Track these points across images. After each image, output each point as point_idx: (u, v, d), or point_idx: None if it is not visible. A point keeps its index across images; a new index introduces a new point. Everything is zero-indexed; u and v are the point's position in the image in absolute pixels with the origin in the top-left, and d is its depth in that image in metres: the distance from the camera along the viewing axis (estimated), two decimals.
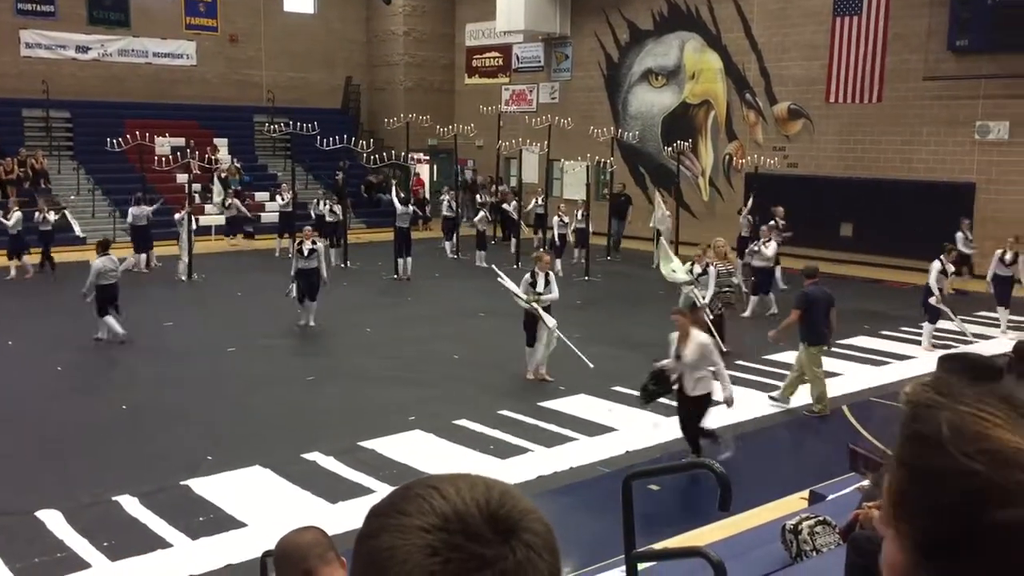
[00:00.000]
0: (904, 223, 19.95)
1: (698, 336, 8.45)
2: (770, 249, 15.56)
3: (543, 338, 11.36)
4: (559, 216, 20.62)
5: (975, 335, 14.14)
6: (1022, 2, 18.66)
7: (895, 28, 20.54)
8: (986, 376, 3.80)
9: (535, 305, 11.26)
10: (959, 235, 17.70)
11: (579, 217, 20.56)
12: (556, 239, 20.24)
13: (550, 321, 11.31)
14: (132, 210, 19.75)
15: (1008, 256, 15.08)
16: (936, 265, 13.32)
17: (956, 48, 19.73)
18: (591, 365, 11.59)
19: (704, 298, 12.28)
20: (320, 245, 14.40)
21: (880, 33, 20.79)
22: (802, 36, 22.42)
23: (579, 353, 11.66)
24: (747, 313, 14.90)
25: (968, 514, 0.70)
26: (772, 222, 17.30)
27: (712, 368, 8.50)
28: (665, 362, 8.68)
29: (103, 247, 13.65)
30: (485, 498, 0.82)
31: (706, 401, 8.50)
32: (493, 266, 13.11)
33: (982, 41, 19.25)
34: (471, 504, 0.81)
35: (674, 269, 12.89)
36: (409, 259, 18.87)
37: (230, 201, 23.14)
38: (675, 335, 8.57)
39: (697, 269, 12.71)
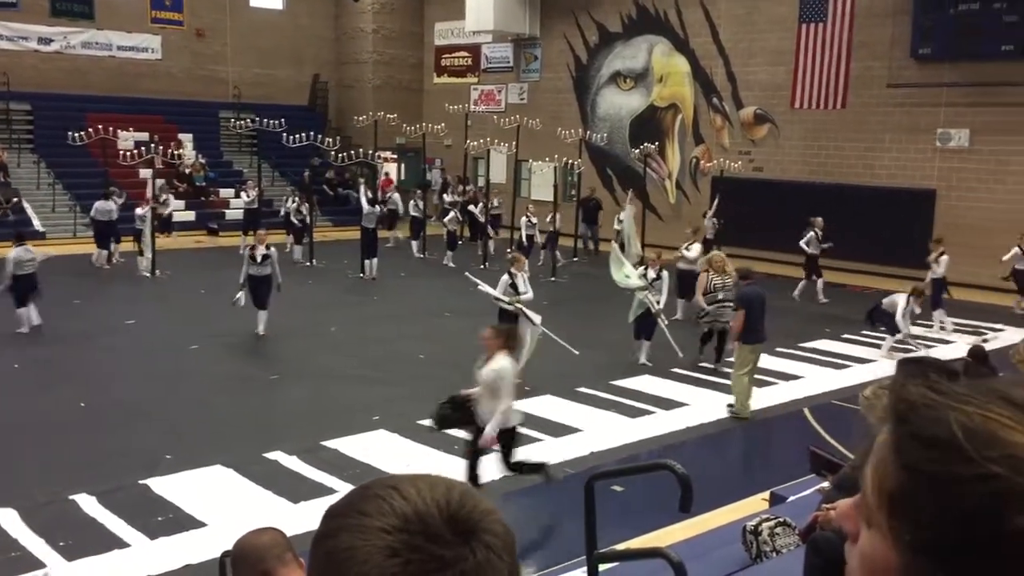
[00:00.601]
0: (866, 228, 20.20)
1: (501, 360, 7.38)
2: (693, 252, 15.49)
3: (528, 338, 11.17)
4: (527, 216, 20.63)
5: (926, 341, 14.38)
6: (983, 12, 18.99)
7: (859, 36, 20.81)
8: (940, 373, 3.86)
9: (519, 306, 11.18)
10: (810, 234, 17.47)
11: (547, 220, 20.61)
12: (524, 239, 20.25)
13: (536, 318, 11.20)
14: (98, 204, 19.45)
15: (932, 257, 15.58)
16: (901, 304, 13.25)
17: (919, 56, 20.03)
18: (576, 352, 12.04)
19: (659, 303, 12.20)
20: (274, 250, 13.52)
21: (844, 40, 21.06)
22: (768, 42, 22.65)
23: (566, 345, 11.96)
24: (679, 315, 14.84)
25: (987, 519, 0.68)
26: (812, 233, 17.41)
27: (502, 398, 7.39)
28: (472, 390, 7.67)
29: (19, 238, 13.70)
30: (446, 499, 0.82)
31: (509, 435, 7.59)
32: (468, 273, 12.90)
33: (944, 49, 19.56)
34: (431, 505, 0.81)
35: (627, 275, 12.57)
36: (375, 260, 18.79)
37: (164, 196, 21.76)
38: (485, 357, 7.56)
39: (651, 274, 12.43)
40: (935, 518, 0.71)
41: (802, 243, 17.56)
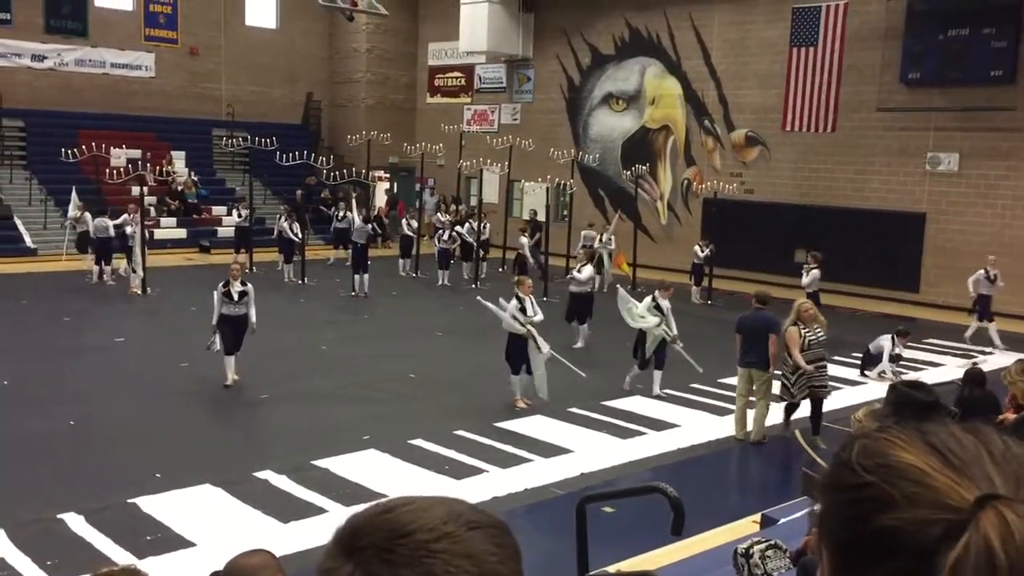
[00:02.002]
0: (856, 251, 20.31)
1: None
2: (584, 274, 14.75)
3: (538, 362, 11.05)
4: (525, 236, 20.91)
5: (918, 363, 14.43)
6: (972, 37, 19.18)
7: (849, 60, 20.99)
8: (914, 407, 3.90)
9: (531, 328, 11.03)
10: (814, 273, 16.16)
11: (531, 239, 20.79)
12: (527, 259, 20.47)
13: (544, 346, 11.07)
14: (97, 221, 19.38)
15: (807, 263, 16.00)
16: (887, 347, 13.28)
17: (908, 81, 20.21)
18: (583, 375, 11.98)
19: (673, 329, 11.77)
20: (251, 287, 11.76)
21: (835, 64, 21.23)
22: (760, 65, 22.82)
23: (573, 367, 11.90)
24: (580, 344, 14.47)
25: (862, 521, 0.78)
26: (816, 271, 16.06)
27: None
28: None
29: None
30: (368, 513, 0.89)
31: None
32: (479, 298, 12.27)
33: (933, 74, 19.75)
34: (353, 520, 0.89)
35: (642, 315, 11.79)
36: (367, 276, 18.80)
37: (80, 214, 20.20)
38: None
39: (665, 303, 11.73)
40: (834, 524, 0.82)
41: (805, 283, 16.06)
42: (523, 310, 11.16)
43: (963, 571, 0.72)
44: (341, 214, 22.37)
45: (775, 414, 10.51)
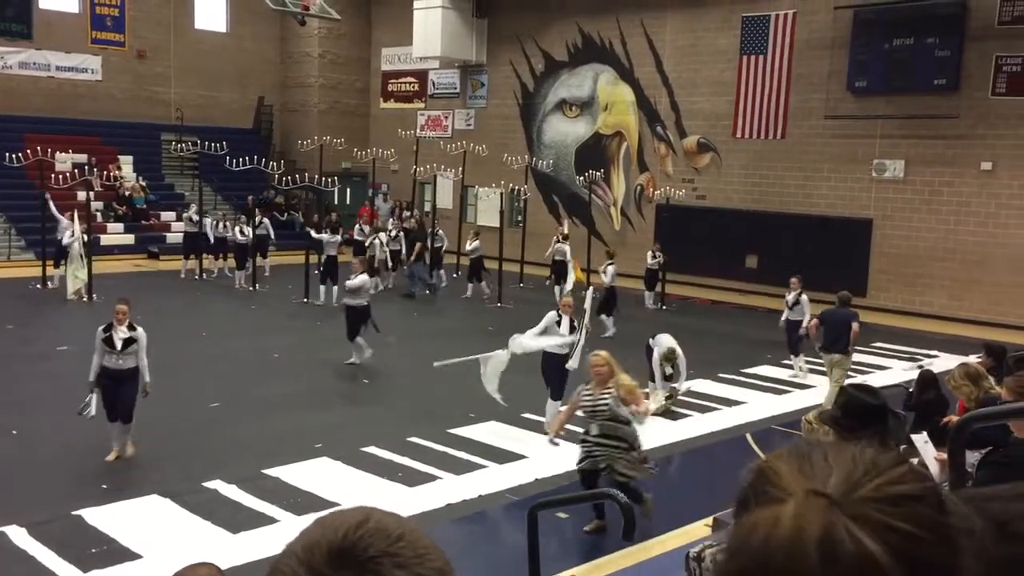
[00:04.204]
0: (805, 256, 20.58)
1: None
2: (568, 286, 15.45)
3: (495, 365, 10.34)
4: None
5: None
6: (916, 47, 19.59)
7: (798, 68, 21.33)
8: (863, 409, 3.96)
9: (581, 338, 10.47)
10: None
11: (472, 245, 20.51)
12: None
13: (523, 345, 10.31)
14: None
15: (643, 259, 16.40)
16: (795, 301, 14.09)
17: (855, 89, 20.58)
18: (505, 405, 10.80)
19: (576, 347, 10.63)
20: (141, 332, 9.29)
21: (784, 73, 21.56)
22: (711, 73, 23.08)
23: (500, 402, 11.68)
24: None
25: (736, 524, 0.86)
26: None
27: None
28: None
29: None
30: (343, 531, 0.85)
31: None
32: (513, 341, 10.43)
33: (879, 83, 20.14)
34: (322, 537, 0.85)
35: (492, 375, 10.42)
36: (335, 287, 18.44)
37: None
38: None
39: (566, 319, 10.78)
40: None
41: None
42: (559, 323, 10.57)
43: (744, 535, 0.83)
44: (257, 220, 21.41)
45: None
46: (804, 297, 14.09)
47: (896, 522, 0.78)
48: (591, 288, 11.28)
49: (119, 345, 9.10)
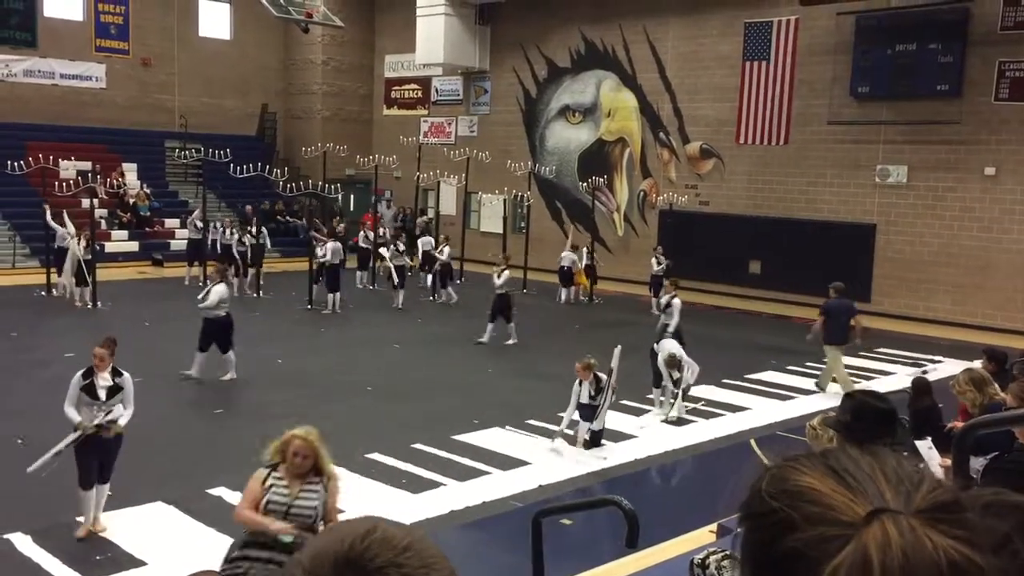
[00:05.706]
0: (809, 262, 20.61)
1: None
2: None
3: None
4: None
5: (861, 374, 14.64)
6: (919, 52, 19.60)
7: (801, 74, 21.34)
8: (873, 414, 3.95)
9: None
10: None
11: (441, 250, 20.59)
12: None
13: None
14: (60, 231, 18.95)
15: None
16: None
17: (858, 95, 20.59)
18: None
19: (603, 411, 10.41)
20: (128, 378, 8.03)
21: (787, 78, 21.57)
22: (713, 79, 23.10)
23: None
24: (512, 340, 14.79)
25: (771, 544, 0.82)
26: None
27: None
28: None
29: None
30: (349, 542, 0.86)
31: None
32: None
33: (882, 88, 20.15)
34: (328, 548, 0.86)
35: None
36: (338, 295, 18.57)
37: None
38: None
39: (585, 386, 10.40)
40: (747, 549, 0.86)
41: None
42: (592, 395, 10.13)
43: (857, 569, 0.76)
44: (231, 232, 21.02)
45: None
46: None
47: (957, 530, 0.78)
48: (619, 347, 10.74)
49: (103, 395, 7.77)
